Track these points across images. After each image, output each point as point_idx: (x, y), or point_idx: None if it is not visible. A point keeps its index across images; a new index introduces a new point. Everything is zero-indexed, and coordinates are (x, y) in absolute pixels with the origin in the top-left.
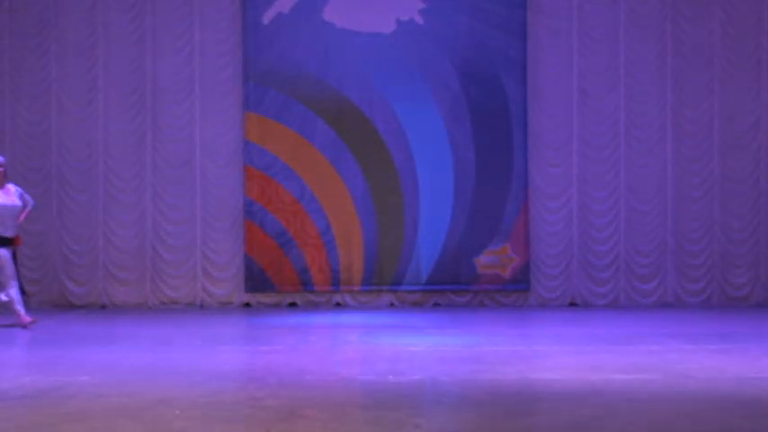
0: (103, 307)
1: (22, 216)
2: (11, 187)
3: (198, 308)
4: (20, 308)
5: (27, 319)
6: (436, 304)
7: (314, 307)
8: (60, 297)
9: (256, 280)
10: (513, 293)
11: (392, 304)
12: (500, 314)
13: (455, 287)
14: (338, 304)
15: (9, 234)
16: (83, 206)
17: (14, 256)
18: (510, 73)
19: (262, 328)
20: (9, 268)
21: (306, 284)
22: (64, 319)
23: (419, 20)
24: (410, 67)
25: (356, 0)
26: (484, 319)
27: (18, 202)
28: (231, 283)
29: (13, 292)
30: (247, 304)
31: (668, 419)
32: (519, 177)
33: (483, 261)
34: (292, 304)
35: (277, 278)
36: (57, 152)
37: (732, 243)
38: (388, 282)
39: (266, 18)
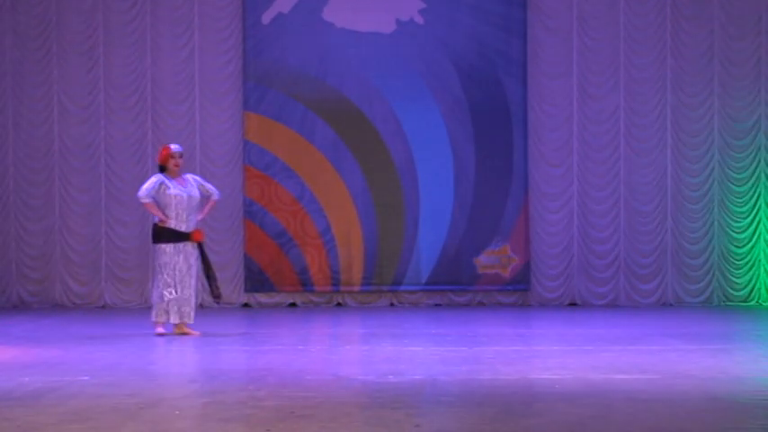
0: (104, 307)
1: (205, 210)
2: (189, 177)
3: (197, 308)
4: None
5: (195, 332)
6: (436, 304)
7: (314, 307)
8: (62, 297)
9: (256, 280)
10: (513, 293)
11: (392, 304)
12: (500, 314)
13: (455, 287)
14: (338, 304)
15: (183, 228)
16: (84, 206)
17: (202, 255)
18: (510, 73)
19: (261, 329)
20: (182, 265)
21: (305, 285)
22: (64, 319)
23: (419, 20)
24: (410, 67)
25: (356, 0)
26: (484, 319)
27: (197, 194)
28: (231, 283)
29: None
30: (247, 304)
31: (668, 419)
32: (519, 177)
33: (483, 261)
34: (292, 304)
35: (277, 278)
36: (58, 153)
37: (732, 243)
38: (388, 282)
39: (266, 18)
